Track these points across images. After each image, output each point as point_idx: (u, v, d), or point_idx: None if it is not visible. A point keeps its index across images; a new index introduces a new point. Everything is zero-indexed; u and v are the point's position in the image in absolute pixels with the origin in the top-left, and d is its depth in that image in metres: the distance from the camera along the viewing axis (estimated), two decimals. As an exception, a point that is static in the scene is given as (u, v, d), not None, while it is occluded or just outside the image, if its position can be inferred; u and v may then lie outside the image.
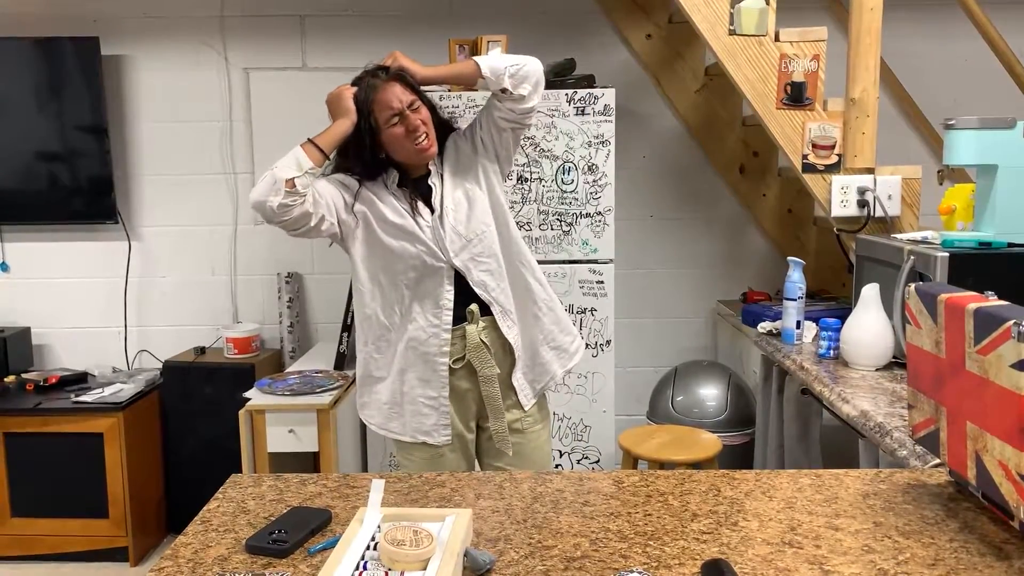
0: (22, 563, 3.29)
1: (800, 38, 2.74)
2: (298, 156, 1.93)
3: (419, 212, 2.04)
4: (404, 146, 1.99)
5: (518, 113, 2.06)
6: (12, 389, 3.42)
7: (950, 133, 2.35)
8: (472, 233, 2.05)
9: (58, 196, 3.57)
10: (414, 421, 2.09)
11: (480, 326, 2.06)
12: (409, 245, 2.02)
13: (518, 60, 2.02)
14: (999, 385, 1.17)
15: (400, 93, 1.98)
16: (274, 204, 1.89)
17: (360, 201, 2.04)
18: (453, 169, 2.10)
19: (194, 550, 1.23)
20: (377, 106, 1.98)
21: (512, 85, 2.00)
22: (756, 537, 1.25)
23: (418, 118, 1.98)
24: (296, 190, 1.90)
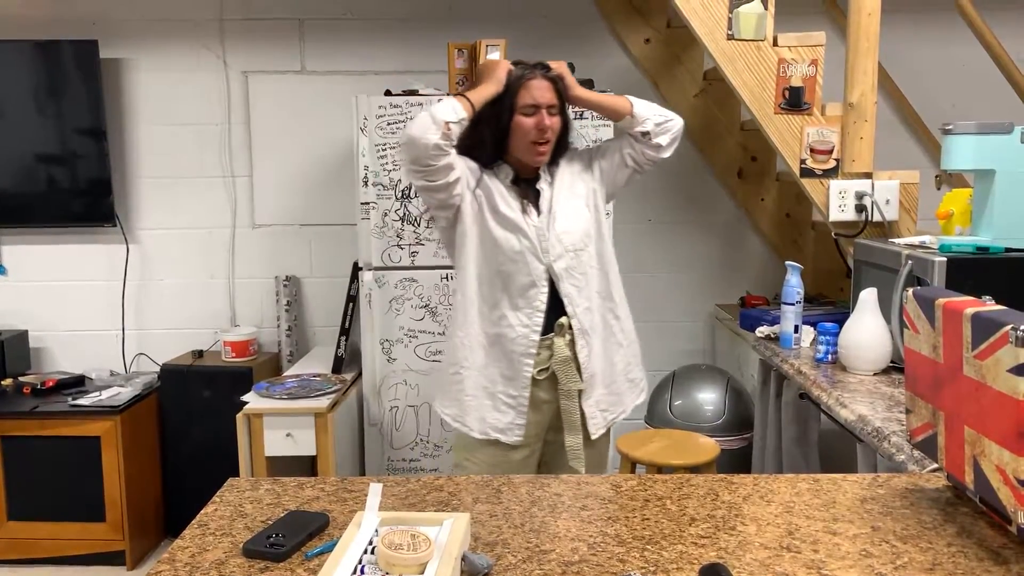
0: (19, 567, 3.28)
1: (798, 43, 2.75)
2: (454, 104, 1.97)
3: (527, 211, 2.08)
4: (525, 139, 2.04)
5: (647, 158, 2.15)
6: (9, 392, 3.41)
7: (948, 138, 2.35)
8: (573, 246, 2.09)
9: (56, 199, 3.57)
10: (491, 417, 2.10)
11: (567, 339, 2.09)
12: (515, 239, 2.06)
13: (667, 114, 2.13)
14: (997, 390, 1.18)
15: (548, 92, 2.04)
16: (430, 141, 1.92)
17: (482, 182, 2.08)
18: (565, 182, 2.14)
19: (191, 554, 1.23)
20: (524, 90, 2.03)
21: (654, 132, 2.11)
22: (754, 541, 1.25)
23: (551, 122, 2.04)
24: (450, 135, 1.94)
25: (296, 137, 3.65)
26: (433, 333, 3.05)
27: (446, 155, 1.96)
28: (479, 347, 2.11)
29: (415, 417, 3.08)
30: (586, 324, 2.11)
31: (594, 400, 2.14)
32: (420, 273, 3.03)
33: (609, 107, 2.14)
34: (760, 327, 2.76)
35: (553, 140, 2.08)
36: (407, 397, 3.07)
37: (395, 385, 3.07)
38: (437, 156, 1.95)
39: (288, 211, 3.70)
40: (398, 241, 3.02)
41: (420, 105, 2.95)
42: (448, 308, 3.02)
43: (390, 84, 3.42)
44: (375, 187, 2.99)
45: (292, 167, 3.67)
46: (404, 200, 2.99)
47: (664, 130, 2.12)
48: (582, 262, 2.11)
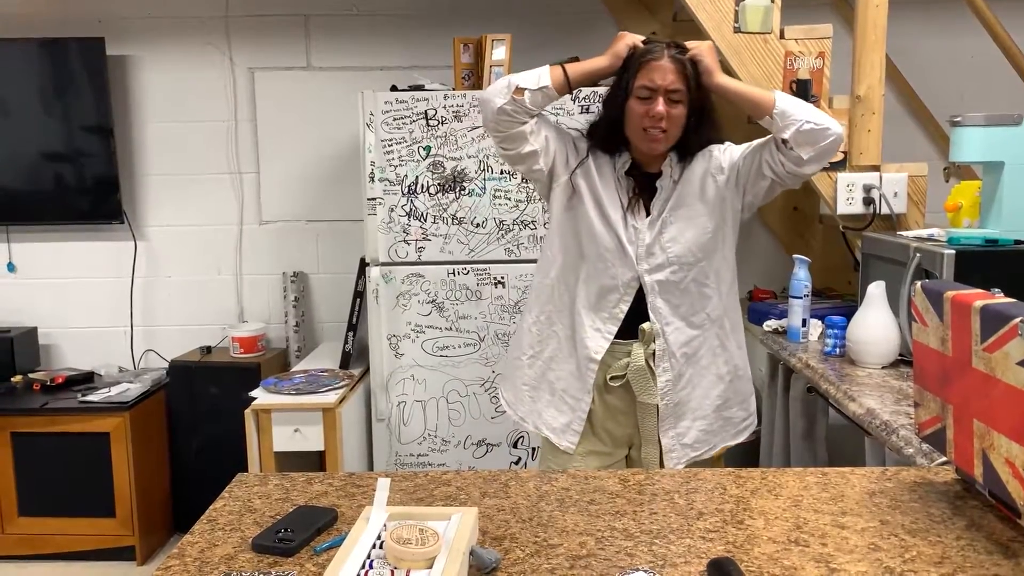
0: (29, 562, 3.30)
1: (805, 35, 2.74)
2: (541, 72, 1.83)
3: (633, 209, 1.89)
4: (636, 124, 1.83)
5: (787, 171, 1.85)
6: (19, 389, 3.43)
7: (956, 130, 2.34)
8: (679, 258, 1.88)
9: (64, 196, 3.58)
10: (547, 414, 1.97)
11: (650, 349, 1.90)
12: (608, 237, 1.88)
13: (821, 120, 1.80)
14: (1006, 383, 1.17)
15: (672, 75, 1.80)
16: (495, 105, 1.79)
17: (582, 169, 1.91)
18: (693, 183, 1.91)
19: (200, 549, 1.24)
20: (643, 71, 1.81)
21: (795, 141, 1.81)
22: (762, 535, 1.24)
23: (667, 110, 1.80)
24: (523, 101, 1.79)
25: (302, 133, 3.65)
26: (440, 328, 3.05)
27: (518, 123, 1.81)
28: (551, 337, 1.97)
29: (423, 412, 3.09)
30: (674, 345, 1.91)
31: (675, 432, 1.96)
32: (427, 268, 3.03)
33: (751, 100, 1.86)
34: (768, 321, 2.76)
35: (674, 131, 1.84)
36: (415, 392, 3.08)
37: (402, 380, 3.07)
38: (506, 123, 1.81)
39: (295, 207, 3.70)
40: (405, 237, 3.02)
41: (426, 100, 2.95)
42: (455, 303, 3.03)
43: (396, 80, 3.42)
44: (381, 183, 2.99)
45: (299, 163, 3.68)
46: (411, 196, 2.99)
47: (809, 139, 1.79)
48: (687, 278, 1.89)
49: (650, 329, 1.89)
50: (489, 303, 3.03)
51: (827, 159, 1.85)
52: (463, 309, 3.04)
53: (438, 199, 2.98)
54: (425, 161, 2.97)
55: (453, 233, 3.00)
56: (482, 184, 2.97)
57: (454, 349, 3.05)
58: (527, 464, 3.11)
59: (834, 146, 1.83)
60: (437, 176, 2.98)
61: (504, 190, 2.97)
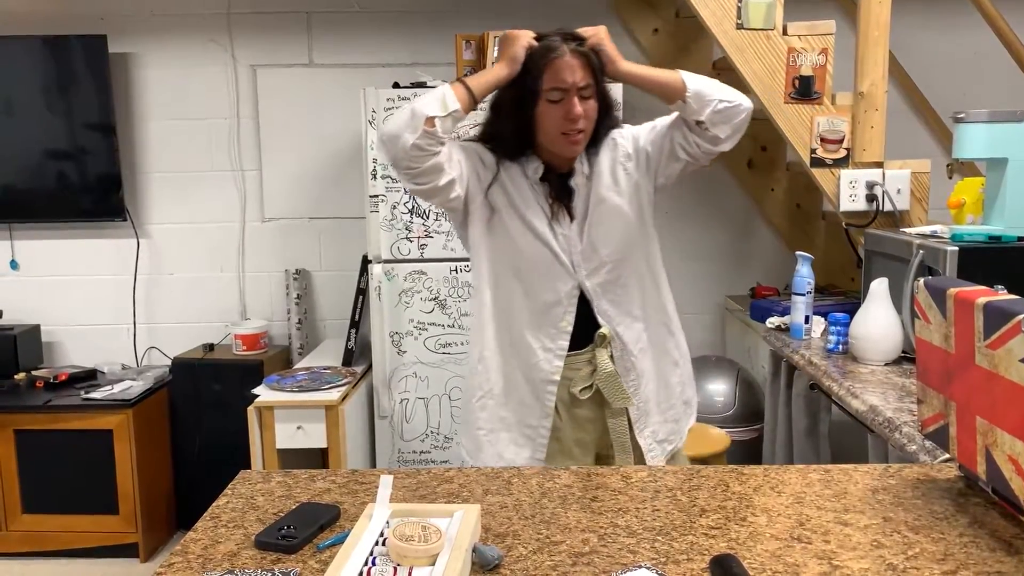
0: (33, 559, 3.31)
1: (808, 32, 2.73)
2: (444, 93, 1.67)
3: (557, 216, 1.78)
4: (553, 129, 1.72)
5: (702, 151, 1.78)
6: (22, 386, 3.44)
7: (959, 126, 2.34)
8: (611, 255, 1.80)
9: (67, 194, 3.58)
10: (508, 452, 1.84)
11: (611, 352, 1.82)
12: (539, 250, 1.77)
13: (731, 96, 1.74)
14: (1009, 380, 1.17)
15: (580, 71, 1.70)
16: (408, 143, 1.63)
17: (497, 184, 1.79)
18: (604, 175, 1.82)
19: (203, 546, 1.24)
20: (549, 71, 1.69)
21: (711, 120, 1.73)
22: (765, 532, 1.24)
23: (583, 107, 1.70)
24: (435, 133, 1.64)
25: (305, 130, 3.65)
26: (443, 326, 3.05)
27: (431, 155, 1.66)
28: (497, 372, 1.84)
29: (425, 409, 3.09)
30: (630, 344, 1.83)
31: (650, 431, 1.88)
32: (429, 266, 3.03)
33: (658, 85, 1.76)
34: (770, 318, 2.76)
35: (590, 127, 1.75)
36: (417, 389, 3.08)
37: (405, 377, 3.07)
38: (419, 158, 1.65)
39: (297, 204, 3.71)
40: (407, 234, 3.02)
41: (428, 97, 2.94)
42: (457, 300, 3.03)
43: (398, 76, 3.42)
44: (384, 180, 2.99)
45: (301, 160, 3.68)
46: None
47: (725, 118, 1.73)
48: (624, 273, 1.81)
49: (609, 333, 1.81)
50: (491, 300, 3.03)
51: (740, 134, 1.80)
52: (465, 306, 3.04)
53: (440, 196, 2.98)
54: (427, 158, 2.96)
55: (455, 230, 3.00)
56: (484, 181, 2.97)
57: (456, 346, 3.05)
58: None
59: (746, 120, 1.78)
60: (439, 173, 2.97)
61: (506, 187, 2.97)
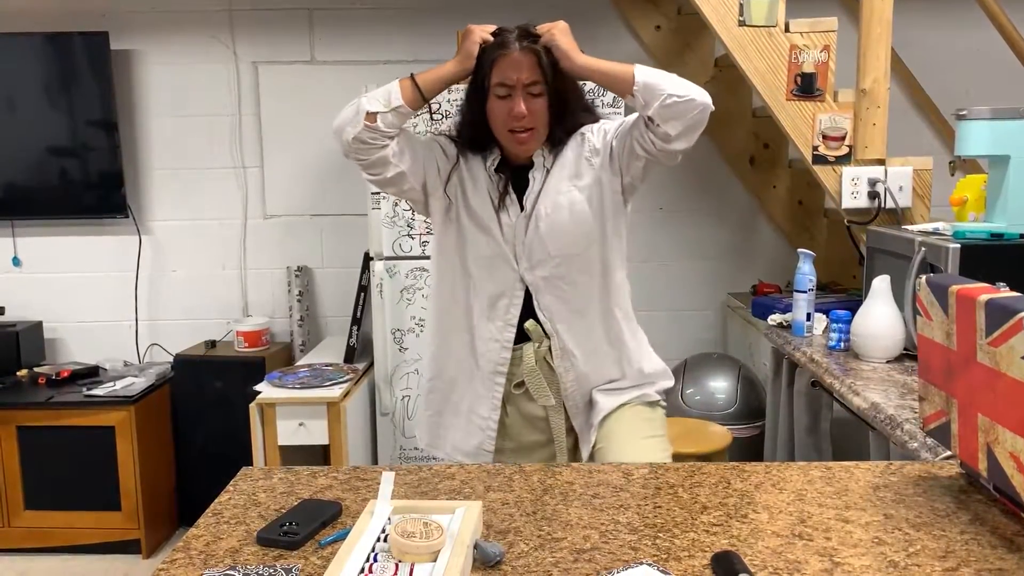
0: (35, 555, 3.32)
1: (810, 29, 2.73)
2: (391, 90, 1.71)
3: (506, 206, 1.77)
4: (500, 126, 1.73)
5: (657, 148, 1.70)
6: (24, 383, 3.44)
7: (962, 124, 2.34)
8: (560, 250, 1.76)
9: (69, 191, 3.58)
10: (455, 437, 1.87)
11: (542, 346, 1.80)
12: (484, 240, 1.77)
13: (684, 91, 1.65)
14: (1011, 377, 1.17)
15: (526, 68, 1.69)
16: (349, 136, 1.68)
17: (456, 177, 1.80)
18: (566, 168, 1.79)
19: (206, 542, 1.24)
20: (496, 67, 1.70)
21: (660, 117, 1.65)
22: (766, 529, 1.24)
23: (527, 105, 1.69)
24: (377, 127, 1.67)
25: (306, 127, 3.65)
26: (444, 322, 3.05)
27: (376, 149, 1.69)
28: (449, 357, 1.86)
29: (427, 406, 3.09)
30: (570, 343, 1.80)
31: (578, 423, 1.85)
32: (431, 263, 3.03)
33: (608, 78, 1.72)
34: (772, 315, 2.76)
35: (540, 126, 1.73)
36: (419, 386, 3.08)
37: (407, 374, 3.08)
38: (363, 151, 1.69)
39: (299, 201, 3.71)
40: (408, 231, 3.02)
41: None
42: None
43: (400, 73, 3.39)
44: (385, 177, 2.98)
45: (303, 157, 3.68)
46: (414, 190, 2.98)
47: (675, 113, 1.64)
48: (573, 269, 1.77)
49: (534, 327, 1.79)
50: (493, 297, 3.03)
51: (696, 133, 1.69)
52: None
53: (442, 193, 2.98)
54: (429, 155, 2.96)
55: (457, 227, 3.00)
56: (486, 178, 2.97)
57: (458, 343, 3.05)
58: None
59: (702, 118, 1.67)
60: (441, 170, 2.97)
61: (508, 184, 2.97)
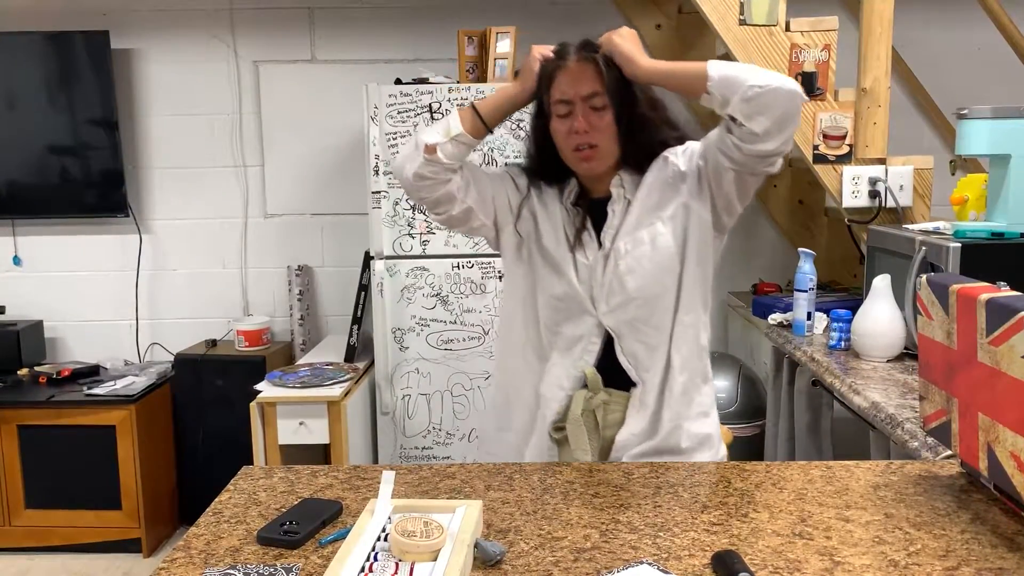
0: (36, 554, 3.32)
1: (811, 28, 2.73)
2: (449, 120, 1.58)
3: (582, 243, 1.61)
4: (564, 147, 1.57)
5: (746, 154, 1.49)
6: (25, 382, 3.44)
7: (963, 123, 2.33)
8: (641, 290, 1.58)
9: (69, 190, 3.58)
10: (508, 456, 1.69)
11: (598, 399, 1.61)
12: (556, 280, 1.61)
13: (766, 80, 1.44)
14: (1011, 376, 1.17)
15: (585, 79, 1.53)
16: (409, 172, 1.57)
17: (526, 211, 1.66)
18: (648, 198, 1.60)
19: (206, 541, 1.24)
20: (554, 84, 1.55)
21: (743, 114, 1.46)
22: (766, 528, 1.24)
23: (589, 120, 1.53)
24: (438, 159, 1.55)
25: (307, 126, 3.65)
26: (445, 322, 3.05)
27: (440, 184, 1.58)
28: (514, 404, 1.68)
29: (427, 405, 3.09)
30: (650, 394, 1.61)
31: None
32: (431, 262, 3.03)
33: (680, 79, 1.54)
34: (773, 314, 2.75)
35: (607, 142, 1.55)
36: (419, 385, 3.08)
37: (407, 374, 3.08)
38: (426, 187, 1.58)
39: (300, 200, 3.71)
40: (409, 230, 3.02)
41: (430, 93, 2.94)
42: (459, 296, 3.03)
43: (400, 72, 3.42)
44: (386, 176, 2.99)
45: (303, 156, 3.68)
46: (415, 189, 2.98)
47: (759, 107, 1.44)
48: (656, 311, 1.58)
49: (594, 376, 1.61)
50: (493, 296, 3.03)
51: (789, 127, 1.47)
52: (467, 303, 3.04)
53: (442, 192, 2.98)
54: (429, 154, 2.96)
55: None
56: (486, 177, 2.97)
57: (458, 342, 3.06)
58: (531, 457, 3.11)
59: (791, 109, 1.45)
60: (441, 169, 2.97)
61: (509, 183, 2.97)
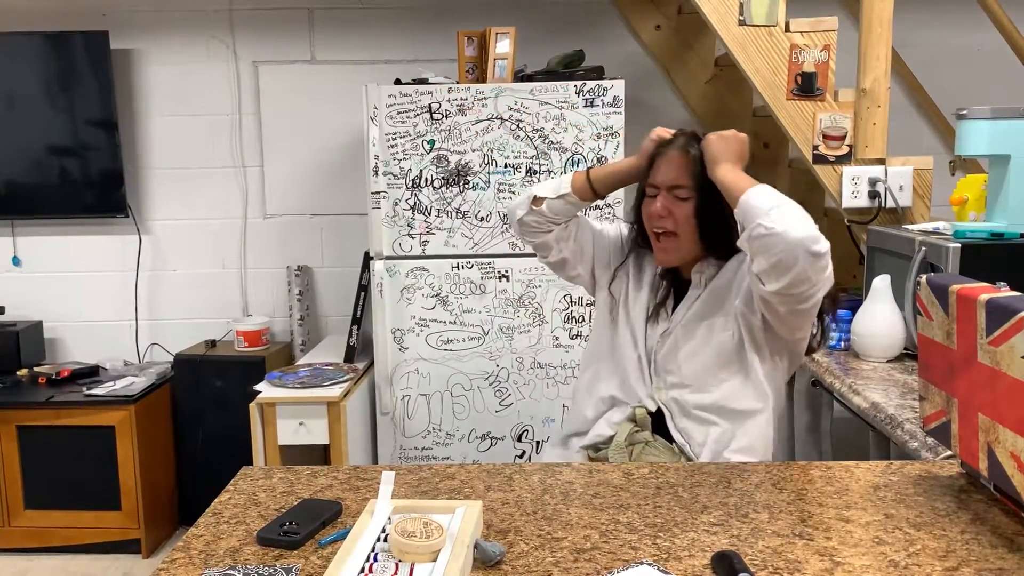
0: (36, 555, 3.32)
1: (811, 28, 2.73)
2: (563, 178, 1.74)
3: (658, 318, 1.71)
4: (647, 227, 1.68)
5: (760, 294, 1.54)
6: (24, 383, 3.44)
7: (962, 123, 2.33)
8: (695, 377, 1.66)
9: (69, 190, 3.58)
10: None
11: (641, 436, 1.69)
12: (630, 347, 1.72)
13: (776, 224, 1.47)
14: (1011, 376, 1.17)
15: (674, 169, 1.63)
16: (515, 217, 1.76)
17: (623, 270, 1.78)
18: (718, 292, 1.68)
19: (206, 542, 1.24)
20: (653, 168, 1.67)
21: (748, 249, 1.51)
22: (766, 529, 1.24)
23: (670, 207, 1.61)
24: (543, 211, 1.71)
25: (306, 127, 3.65)
26: (444, 322, 3.05)
27: (541, 233, 1.74)
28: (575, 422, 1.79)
29: (427, 406, 3.09)
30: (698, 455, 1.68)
31: None
32: (431, 262, 3.03)
33: (727, 193, 1.58)
34: (772, 315, 2.75)
35: (684, 233, 1.62)
36: (419, 386, 3.08)
37: (407, 374, 3.08)
38: (529, 233, 1.75)
39: (299, 201, 3.71)
40: (409, 230, 3.02)
41: (430, 94, 2.94)
42: (459, 297, 3.03)
43: (400, 73, 3.42)
44: (385, 176, 2.99)
45: (303, 157, 3.68)
46: (415, 189, 2.98)
47: (759, 248, 1.47)
48: (710, 398, 1.65)
49: (644, 417, 1.70)
50: (493, 297, 3.03)
51: (787, 276, 1.46)
52: (467, 303, 3.04)
53: (442, 193, 2.98)
54: (429, 155, 2.97)
55: (457, 227, 3.00)
56: (486, 178, 2.97)
57: (458, 343, 3.06)
58: (531, 458, 3.11)
59: (790, 258, 1.45)
60: (441, 170, 2.97)
61: (508, 184, 2.97)
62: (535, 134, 2.96)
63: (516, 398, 3.07)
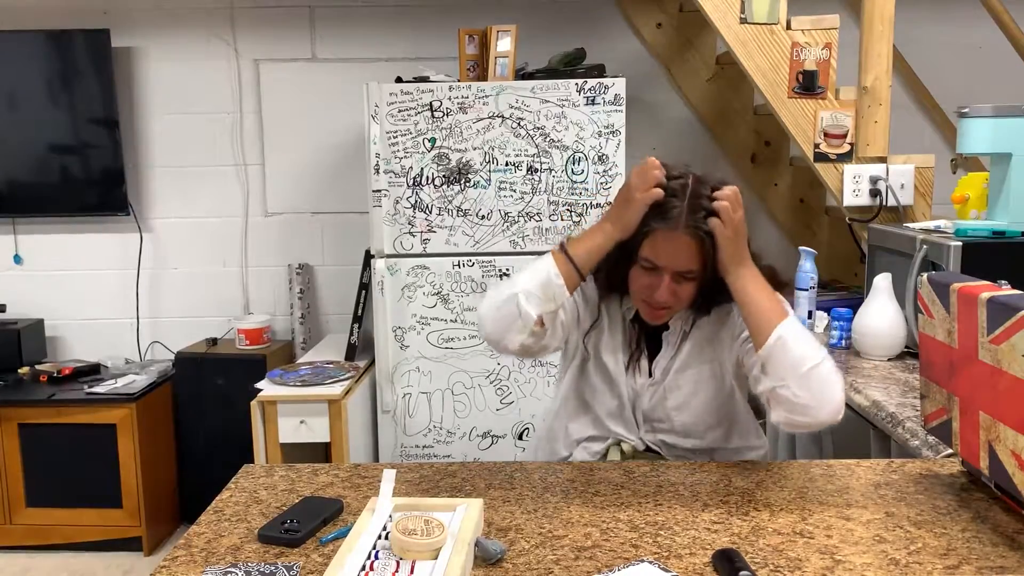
0: (37, 553, 3.32)
1: (812, 26, 2.73)
2: (550, 274, 1.47)
3: (637, 365, 1.62)
4: (637, 294, 1.55)
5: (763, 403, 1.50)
6: (26, 381, 3.44)
7: (964, 121, 2.33)
8: (685, 427, 1.62)
9: (70, 188, 3.58)
10: None
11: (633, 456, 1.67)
12: (609, 394, 1.64)
13: (817, 397, 1.37)
14: (1012, 375, 1.17)
15: (684, 256, 1.46)
16: (513, 345, 1.49)
17: (595, 327, 1.66)
18: (703, 340, 1.61)
19: (207, 539, 1.24)
20: (649, 241, 1.46)
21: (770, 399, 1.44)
22: (767, 527, 1.24)
23: (673, 291, 1.49)
24: (541, 332, 1.50)
25: (307, 125, 3.65)
26: (445, 320, 3.05)
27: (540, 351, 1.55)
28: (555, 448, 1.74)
29: (428, 404, 3.09)
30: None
31: None
32: (432, 260, 3.03)
33: (752, 321, 1.46)
34: (773, 313, 2.75)
35: (680, 306, 1.54)
36: (420, 384, 3.08)
37: (408, 372, 3.08)
38: (530, 353, 1.54)
39: (300, 199, 3.70)
40: (410, 228, 3.02)
41: (431, 92, 2.94)
42: (460, 295, 3.03)
43: (401, 71, 3.42)
44: (387, 174, 2.99)
45: (304, 155, 3.68)
46: (416, 187, 2.98)
47: (785, 405, 1.40)
48: (705, 442, 1.64)
49: (630, 450, 1.66)
50: (494, 295, 3.03)
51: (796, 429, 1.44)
52: (468, 301, 3.04)
53: (443, 191, 2.98)
54: (430, 153, 2.97)
55: (458, 225, 3.00)
56: (487, 176, 2.97)
57: (459, 341, 3.06)
58: (532, 456, 3.11)
59: (813, 423, 1.39)
60: (442, 168, 2.97)
61: (509, 182, 2.97)
62: (536, 132, 2.96)
63: (517, 396, 3.07)
